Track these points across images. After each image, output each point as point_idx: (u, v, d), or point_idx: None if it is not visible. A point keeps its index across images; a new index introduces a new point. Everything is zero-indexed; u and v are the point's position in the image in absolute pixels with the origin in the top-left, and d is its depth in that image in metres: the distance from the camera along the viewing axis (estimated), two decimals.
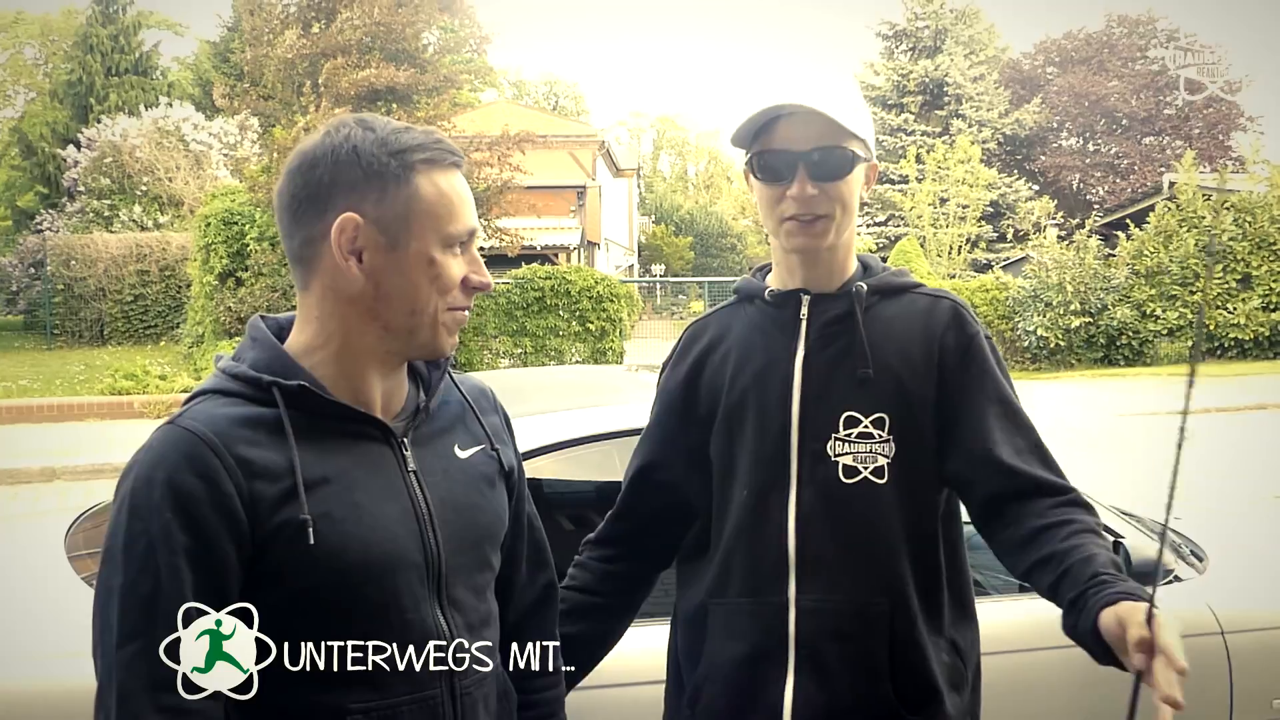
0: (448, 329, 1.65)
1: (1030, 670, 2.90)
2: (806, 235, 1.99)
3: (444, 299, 1.63)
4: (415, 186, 1.59)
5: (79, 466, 11.19)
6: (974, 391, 2.02)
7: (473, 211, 1.66)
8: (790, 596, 1.99)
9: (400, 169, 1.58)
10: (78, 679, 2.42)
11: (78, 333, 25.34)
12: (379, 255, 1.59)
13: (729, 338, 2.14)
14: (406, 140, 1.60)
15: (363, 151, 1.58)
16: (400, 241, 1.59)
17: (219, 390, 1.60)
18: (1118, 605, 1.65)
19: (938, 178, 31.76)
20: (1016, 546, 1.95)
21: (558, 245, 30.98)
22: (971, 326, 2.06)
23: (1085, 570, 1.80)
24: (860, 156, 1.99)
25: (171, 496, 1.46)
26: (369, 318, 1.61)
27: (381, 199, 1.58)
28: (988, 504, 2.01)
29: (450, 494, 1.70)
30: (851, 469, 1.98)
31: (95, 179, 28.16)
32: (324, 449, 1.58)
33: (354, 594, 1.56)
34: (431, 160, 1.61)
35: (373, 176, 1.58)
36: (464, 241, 1.64)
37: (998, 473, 1.98)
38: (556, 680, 1.97)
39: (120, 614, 1.45)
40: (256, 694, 1.53)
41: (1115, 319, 21.55)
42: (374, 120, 1.63)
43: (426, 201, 1.59)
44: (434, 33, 20.70)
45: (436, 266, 1.61)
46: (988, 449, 1.99)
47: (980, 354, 2.05)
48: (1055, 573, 1.85)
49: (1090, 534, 1.90)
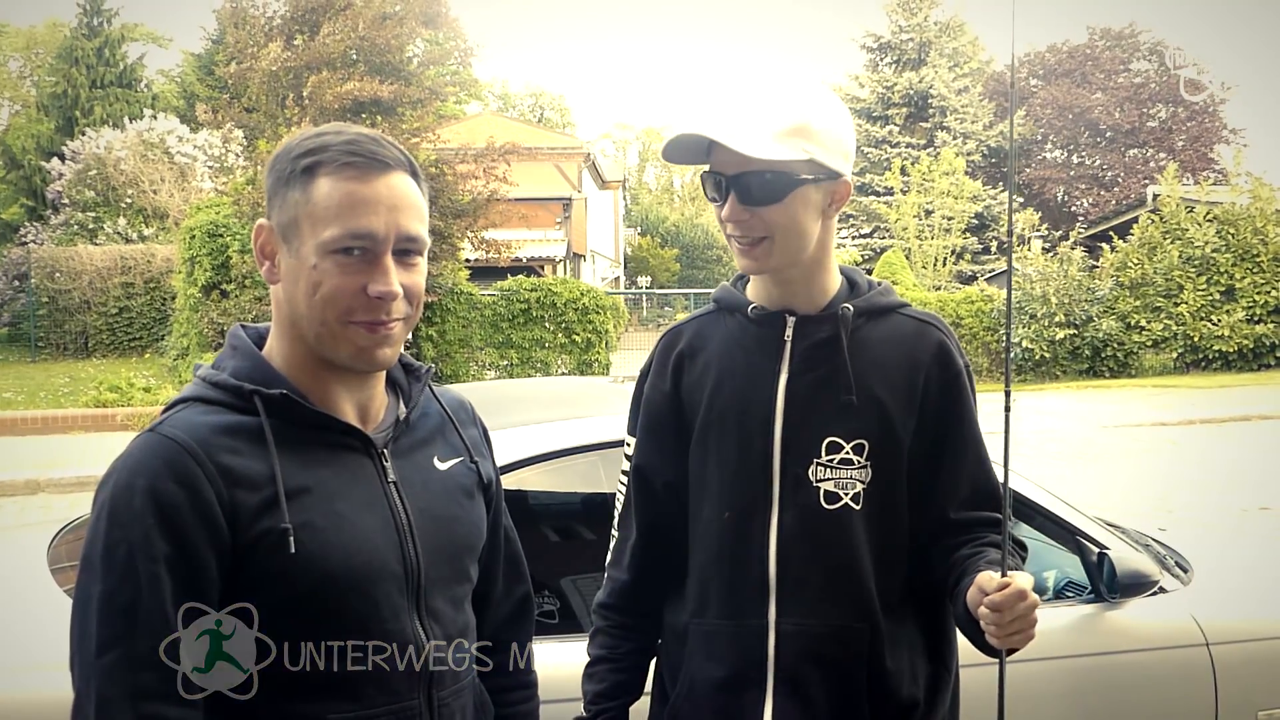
0: (354, 340, 1.57)
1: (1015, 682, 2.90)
2: (748, 257, 1.97)
3: (333, 307, 1.55)
4: (309, 191, 1.55)
5: (63, 479, 11.13)
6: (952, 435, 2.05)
7: (376, 214, 1.55)
8: (770, 620, 1.99)
9: (298, 174, 1.56)
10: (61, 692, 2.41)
11: (62, 345, 25.25)
12: (282, 261, 1.59)
13: (708, 349, 2.10)
14: (312, 144, 1.58)
15: (279, 157, 1.59)
16: (293, 247, 1.57)
17: (200, 398, 1.59)
18: (976, 578, 1.80)
19: (922, 190, 31.82)
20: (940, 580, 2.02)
21: (543, 257, 30.98)
22: (957, 361, 2.06)
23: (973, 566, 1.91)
24: (803, 179, 1.92)
25: (152, 504, 1.45)
26: (293, 325, 1.61)
27: (283, 204, 1.58)
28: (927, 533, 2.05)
29: (430, 505, 1.69)
30: (833, 494, 1.98)
31: (80, 191, 28.07)
32: (305, 458, 1.57)
33: (334, 604, 1.55)
34: (333, 162, 1.55)
35: (279, 182, 1.58)
36: (364, 247, 1.54)
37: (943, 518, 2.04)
38: (532, 693, 1.99)
39: (99, 622, 1.44)
40: (236, 702, 1.53)
41: (1100, 331, 21.61)
42: (327, 129, 1.61)
43: (316, 206, 1.55)
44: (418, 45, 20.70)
45: (318, 273, 1.54)
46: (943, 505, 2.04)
47: (963, 393, 2.06)
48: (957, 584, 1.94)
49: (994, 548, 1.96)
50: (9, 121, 43.79)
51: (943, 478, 2.04)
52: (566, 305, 18.91)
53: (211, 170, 27.47)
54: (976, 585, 1.79)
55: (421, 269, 1.63)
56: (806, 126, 1.92)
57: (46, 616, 2.79)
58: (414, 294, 1.61)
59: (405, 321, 1.61)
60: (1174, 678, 2.99)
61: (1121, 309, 21.88)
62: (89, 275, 24.97)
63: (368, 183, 1.55)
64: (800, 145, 1.90)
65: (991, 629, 1.75)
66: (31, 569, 3.13)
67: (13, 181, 36.68)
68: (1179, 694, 3.00)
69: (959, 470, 2.04)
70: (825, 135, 1.94)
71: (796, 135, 1.91)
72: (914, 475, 2.03)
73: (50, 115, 36.57)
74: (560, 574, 3.23)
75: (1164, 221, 22.48)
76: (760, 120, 1.91)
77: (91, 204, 27.88)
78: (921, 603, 2.08)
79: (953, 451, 2.04)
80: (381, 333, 1.58)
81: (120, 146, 27.93)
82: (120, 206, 27.44)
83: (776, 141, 1.89)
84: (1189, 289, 21.47)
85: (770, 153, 1.88)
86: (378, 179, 1.56)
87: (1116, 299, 22.00)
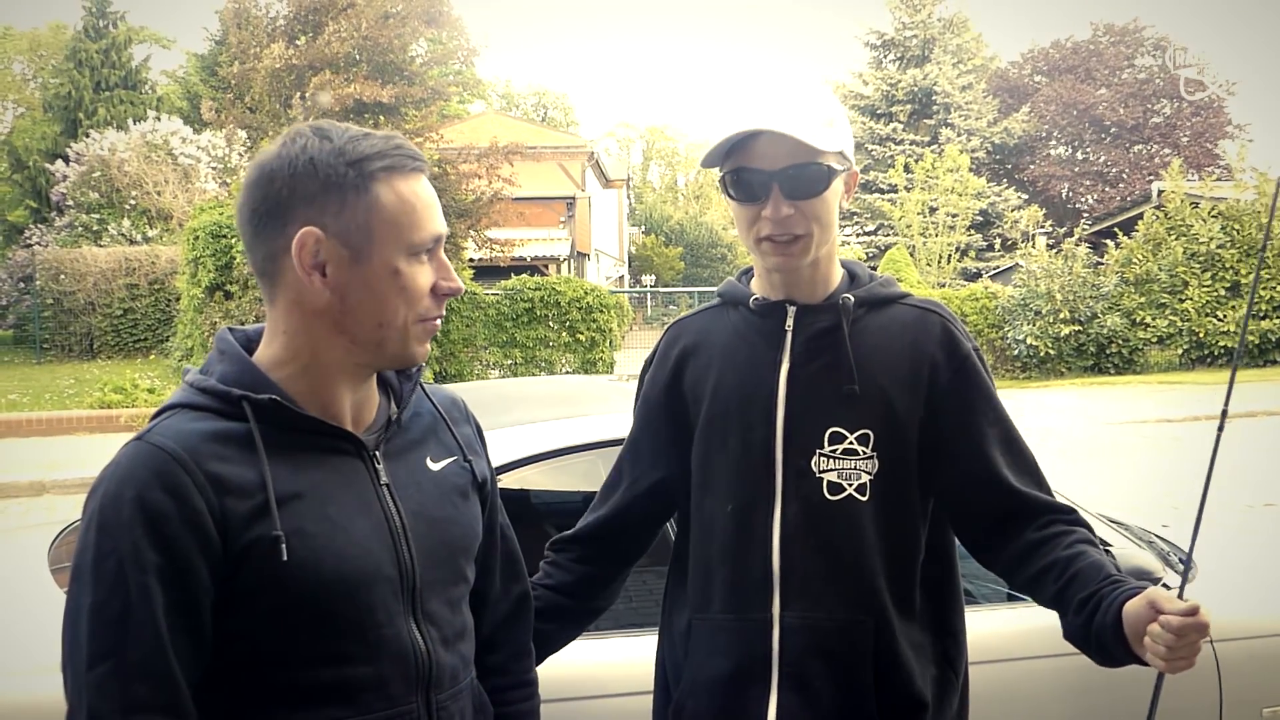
0: (418, 338, 1.62)
1: (1018, 679, 2.89)
2: (784, 255, 1.95)
3: (412, 309, 1.59)
4: (375, 195, 1.55)
5: (68, 480, 11.14)
6: (972, 414, 2.02)
7: (437, 216, 1.62)
8: (774, 613, 1.97)
9: (359, 179, 1.54)
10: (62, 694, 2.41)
11: (67, 347, 25.26)
12: (343, 269, 1.55)
13: (711, 343, 2.10)
14: (364, 148, 1.56)
15: (319, 162, 1.54)
16: (364, 253, 1.55)
17: (187, 405, 1.57)
18: (1147, 592, 1.75)
19: (926, 187, 31.82)
20: (1016, 559, 2.00)
21: (547, 256, 30.99)
22: (963, 345, 2.04)
23: (1096, 573, 1.87)
24: (836, 170, 1.94)
25: (141, 514, 1.43)
26: (336, 331, 1.58)
27: (341, 211, 1.54)
28: (985, 522, 2.03)
29: (423, 507, 1.68)
30: (836, 485, 1.96)
31: (84, 193, 28.08)
32: (295, 464, 1.55)
33: (328, 610, 1.53)
34: (391, 167, 1.57)
35: (331, 188, 1.54)
36: (430, 249, 1.60)
37: (1000, 493, 2.01)
38: (532, 692, 1.98)
39: (90, 634, 1.42)
40: (232, 713, 1.52)
41: (1105, 327, 21.57)
42: (331, 129, 1.58)
43: (388, 210, 1.55)
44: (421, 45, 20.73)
45: (403, 277, 1.57)
46: (991, 471, 2.01)
47: (976, 374, 2.03)
48: (1061, 579, 1.90)
49: (1091, 545, 1.96)
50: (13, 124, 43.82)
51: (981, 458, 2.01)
52: (570, 304, 18.90)
53: (215, 171, 27.47)
54: (1149, 602, 1.73)
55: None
56: (836, 117, 1.95)
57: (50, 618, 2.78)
58: None
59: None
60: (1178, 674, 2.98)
61: (1126, 305, 21.83)
62: (93, 277, 24.99)
63: (423, 184, 1.61)
64: (835, 135, 1.93)
65: (1161, 650, 1.69)
66: (36, 570, 3.13)
67: (17, 183, 36.72)
68: (1183, 690, 2.98)
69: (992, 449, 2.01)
70: (845, 125, 1.98)
71: (832, 126, 1.93)
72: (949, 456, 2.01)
73: (54, 117, 36.58)
74: None
75: (1169, 217, 22.43)
76: (807, 111, 1.91)
77: (96, 206, 27.89)
78: (931, 600, 2.06)
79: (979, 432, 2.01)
80: (435, 327, 1.64)
81: (124, 148, 27.94)
82: (124, 208, 27.44)
83: (824, 131, 1.91)
84: (1194, 285, 21.42)
85: (825, 142, 1.89)
86: (425, 179, 1.62)
87: (1121, 295, 21.96)
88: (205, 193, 26.04)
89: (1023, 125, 42.25)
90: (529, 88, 75.61)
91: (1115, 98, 43.83)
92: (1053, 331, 21.50)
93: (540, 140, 34.98)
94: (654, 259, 54.56)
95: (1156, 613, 1.71)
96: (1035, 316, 21.70)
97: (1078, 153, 45.83)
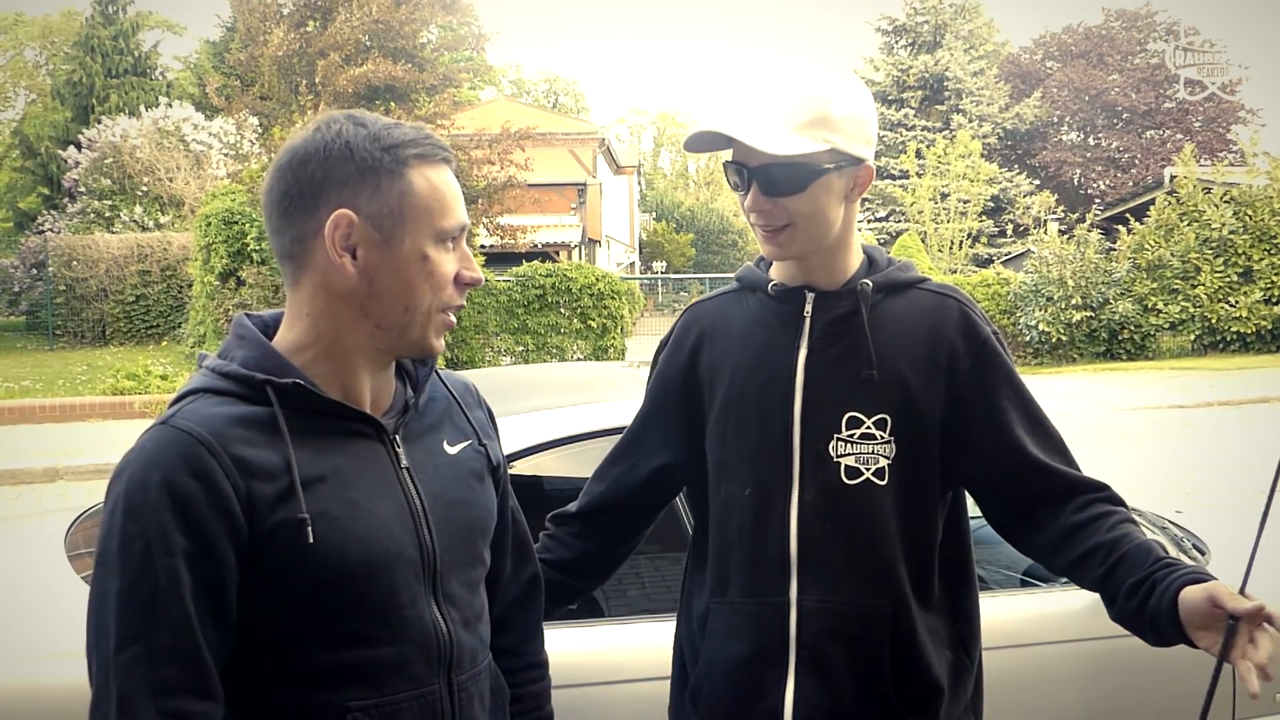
0: (437, 328, 1.64)
1: (1031, 665, 2.90)
2: (772, 244, 1.98)
3: (437, 296, 1.61)
4: (408, 182, 1.57)
5: (81, 467, 11.18)
6: (995, 397, 2.03)
7: (463, 207, 1.65)
8: (792, 597, 1.98)
9: (394, 164, 1.57)
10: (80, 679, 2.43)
11: (79, 333, 25.35)
12: (373, 251, 1.57)
13: (729, 327, 2.11)
14: (399, 135, 1.59)
15: (355, 147, 1.56)
16: (394, 238, 1.57)
17: (209, 389, 1.57)
18: (1207, 584, 1.77)
19: (938, 173, 31.73)
20: (1054, 542, 2.01)
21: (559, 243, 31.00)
22: (982, 329, 2.04)
23: (1146, 556, 1.88)
24: (825, 168, 1.92)
25: (169, 498, 1.44)
26: (361, 315, 1.60)
27: (375, 194, 1.56)
28: (1018, 505, 2.05)
29: (442, 490, 1.69)
30: (854, 470, 1.97)
31: (96, 180, 28.15)
32: (318, 447, 1.56)
33: (353, 592, 1.54)
34: (424, 155, 1.60)
35: (366, 172, 1.56)
36: (455, 237, 1.63)
37: (1030, 475, 2.02)
38: (542, 673, 1.99)
39: (118, 618, 1.43)
40: (256, 694, 1.53)
41: (1117, 313, 21.52)
42: (364, 116, 1.61)
43: (420, 197, 1.58)
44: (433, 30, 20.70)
45: (430, 263, 1.59)
46: (1019, 453, 2.02)
47: (996, 358, 2.04)
48: (1108, 561, 1.92)
49: (1133, 525, 1.97)
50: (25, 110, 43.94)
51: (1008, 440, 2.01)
52: (582, 291, 18.88)
53: (227, 158, 27.51)
54: (1209, 596, 1.75)
55: None
56: (826, 116, 1.91)
57: (66, 604, 2.80)
58: None
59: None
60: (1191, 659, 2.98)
61: (1138, 291, 21.78)
62: (106, 263, 25.07)
63: (451, 174, 1.65)
64: (821, 135, 1.90)
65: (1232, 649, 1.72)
66: (51, 556, 3.14)
67: (30, 170, 36.81)
68: (1196, 675, 2.99)
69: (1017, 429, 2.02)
70: (846, 123, 1.93)
71: (817, 126, 1.91)
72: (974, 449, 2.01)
73: (66, 104, 36.63)
74: None
75: (1181, 203, 22.35)
76: (779, 115, 1.90)
77: (108, 192, 27.96)
78: (946, 585, 2.07)
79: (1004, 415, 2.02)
80: (452, 321, 1.67)
81: (136, 134, 28.00)
82: (136, 194, 27.51)
83: (797, 134, 1.89)
84: (1206, 271, 21.36)
85: (789, 148, 1.88)
86: (451, 171, 1.66)
87: (1133, 281, 21.90)
88: (217, 179, 26.08)
89: (1034, 111, 42.11)
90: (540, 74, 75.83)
91: (1127, 83, 43.62)
92: (1065, 317, 21.45)
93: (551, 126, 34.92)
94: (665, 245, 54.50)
95: (1215, 607, 1.73)
96: (1047, 302, 21.65)
97: (1090, 138, 45.63)
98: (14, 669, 2.53)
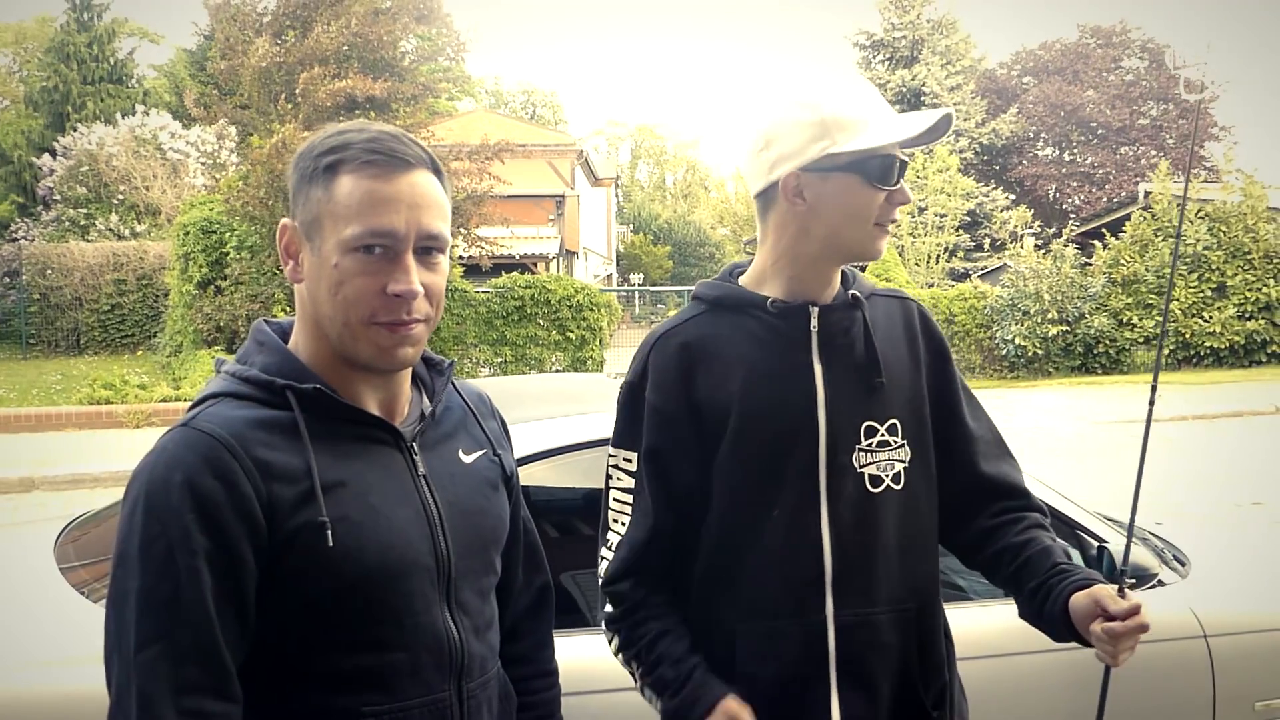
0: (375, 340, 1.57)
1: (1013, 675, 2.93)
2: (884, 240, 2.02)
3: (355, 308, 1.55)
4: (330, 189, 1.56)
5: (57, 476, 11.12)
6: (952, 395, 2.13)
7: (401, 213, 1.55)
8: (829, 613, 1.96)
9: (319, 172, 1.57)
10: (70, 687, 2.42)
11: (54, 342, 25.20)
12: (306, 260, 1.59)
13: (720, 351, 2.00)
14: (336, 142, 1.58)
15: (303, 155, 1.60)
16: (315, 245, 1.58)
17: (230, 393, 1.58)
18: (1092, 589, 1.88)
19: (916, 187, 31.86)
20: (971, 543, 2.13)
21: (537, 254, 30.96)
22: (938, 328, 2.16)
23: (1045, 561, 2.00)
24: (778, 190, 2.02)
25: (191, 498, 1.45)
26: (320, 323, 1.61)
27: (305, 202, 1.58)
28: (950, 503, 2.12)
29: (458, 498, 1.70)
30: (876, 478, 1.99)
31: (71, 188, 28.02)
32: (338, 453, 1.57)
33: (369, 597, 1.55)
34: (350, 161, 1.55)
35: (303, 179, 1.59)
36: (385, 248, 1.54)
37: (970, 477, 2.12)
38: (553, 681, 2.00)
39: (139, 617, 1.43)
40: (270, 698, 1.54)
41: (1092, 327, 21.65)
42: (348, 125, 1.61)
43: (335, 203, 1.55)
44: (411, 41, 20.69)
45: (340, 271, 1.54)
46: (969, 455, 2.12)
47: (950, 356, 2.16)
48: (1013, 564, 2.04)
49: (1042, 530, 2.08)
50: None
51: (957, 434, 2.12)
52: (560, 302, 18.91)
53: (204, 167, 27.42)
54: (1094, 599, 1.86)
55: (443, 268, 1.62)
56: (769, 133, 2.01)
57: (44, 613, 2.80)
58: (435, 293, 1.60)
59: (427, 322, 1.60)
60: (1173, 669, 3.02)
61: (1114, 306, 21.92)
62: (81, 272, 24.94)
63: (389, 181, 1.55)
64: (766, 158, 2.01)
65: (1106, 648, 1.83)
66: (29, 566, 3.12)
67: (3, 178, 36.51)
68: (1178, 685, 3.02)
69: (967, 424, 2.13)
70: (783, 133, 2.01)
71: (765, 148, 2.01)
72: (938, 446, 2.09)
73: (41, 111, 36.41)
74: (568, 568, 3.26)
75: (1156, 219, 22.53)
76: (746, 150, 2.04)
77: (83, 200, 27.83)
78: None
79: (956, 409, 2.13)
80: (402, 333, 1.57)
81: (112, 142, 27.89)
82: (112, 203, 27.40)
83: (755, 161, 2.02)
84: (1180, 286, 21.51)
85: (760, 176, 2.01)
86: (400, 177, 1.56)
87: (1109, 296, 22.05)
88: (194, 188, 25.99)
89: (1011, 126, 42.38)
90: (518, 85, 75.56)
91: (1102, 99, 43.95)
92: (1040, 331, 21.57)
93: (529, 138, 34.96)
94: (642, 257, 54.54)
95: (1101, 609, 1.84)
96: (1023, 316, 21.77)
97: (1065, 154, 45.92)
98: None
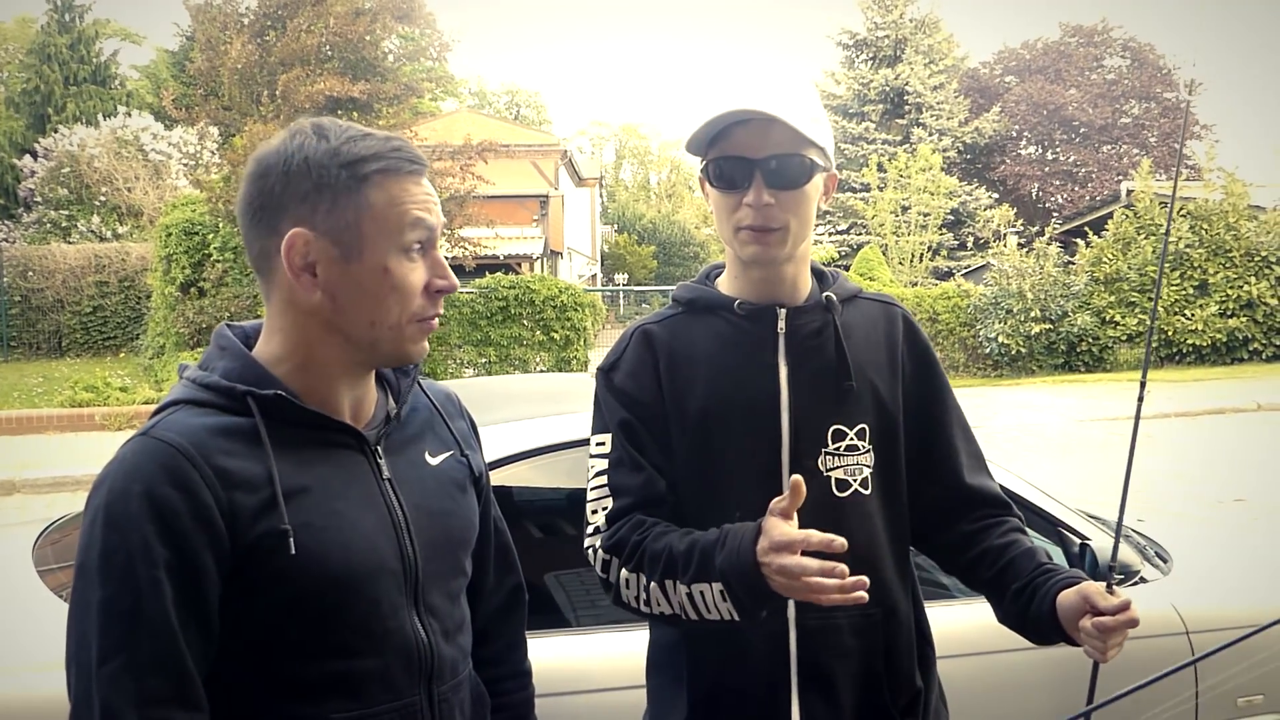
0: (413, 337, 1.62)
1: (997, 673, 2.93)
2: (762, 245, 1.94)
3: (406, 308, 1.59)
4: (365, 196, 1.55)
5: (39, 479, 11.07)
6: (937, 405, 2.11)
7: (433, 213, 1.61)
8: (790, 617, 1.96)
9: (351, 180, 1.54)
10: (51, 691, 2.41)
11: (35, 345, 25.05)
12: (333, 268, 1.56)
13: (689, 353, 2.01)
14: (360, 150, 1.56)
15: (313, 162, 1.54)
16: (353, 253, 1.55)
17: (190, 400, 1.56)
18: (1080, 586, 1.87)
19: (899, 186, 31.88)
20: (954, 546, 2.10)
21: (521, 254, 30.90)
22: (923, 336, 2.13)
23: (1029, 562, 1.99)
24: (819, 165, 1.94)
25: (150, 509, 1.43)
26: (330, 330, 1.59)
27: (331, 210, 1.54)
28: (932, 510, 2.10)
29: (424, 501, 1.69)
30: (843, 482, 1.98)
31: (53, 189, 27.87)
32: (300, 459, 1.56)
33: (335, 603, 1.54)
34: (385, 169, 1.57)
35: (323, 189, 1.54)
36: (423, 246, 1.60)
37: (953, 487, 2.10)
38: (526, 682, 2.00)
39: (101, 629, 1.42)
40: (237, 706, 1.52)
41: (1075, 326, 21.70)
42: (330, 127, 1.59)
43: (378, 210, 1.55)
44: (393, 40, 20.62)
45: (393, 276, 1.57)
46: (951, 462, 2.10)
47: (936, 365, 2.13)
48: (995, 567, 2.02)
49: (1022, 534, 2.08)
50: None
51: (940, 445, 2.10)
52: (544, 302, 18.88)
53: (187, 168, 27.31)
54: (1083, 596, 1.85)
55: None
56: (820, 116, 1.96)
57: (27, 616, 2.78)
58: None
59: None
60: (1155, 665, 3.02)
61: (1096, 304, 21.98)
62: (62, 274, 24.80)
63: (419, 181, 1.61)
64: (819, 131, 1.93)
65: (1096, 644, 1.82)
66: (11, 569, 3.11)
67: None
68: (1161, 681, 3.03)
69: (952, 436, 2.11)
70: (827, 126, 1.98)
71: (819, 122, 1.94)
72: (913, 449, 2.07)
73: (22, 112, 36.23)
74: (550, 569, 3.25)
75: (1138, 217, 22.59)
76: (801, 102, 1.92)
77: (65, 202, 27.68)
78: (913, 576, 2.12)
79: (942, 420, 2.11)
80: (431, 326, 1.63)
81: (94, 144, 27.75)
82: (94, 204, 27.26)
83: (810, 123, 1.91)
84: (1162, 284, 21.54)
85: (810, 133, 1.90)
86: (422, 178, 1.62)
87: (1091, 294, 22.10)
88: (176, 189, 25.88)
89: (993, 125, 42.44)
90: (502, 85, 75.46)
91: (1084, 98, 44.08)
92: (1024, 330, 21.61)
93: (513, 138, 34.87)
94: (627, 257, 54.54)
95: (1089, 605, 1.83)
96: (1006, 315, 21.81)
97: (1048, 152, 46.04)
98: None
